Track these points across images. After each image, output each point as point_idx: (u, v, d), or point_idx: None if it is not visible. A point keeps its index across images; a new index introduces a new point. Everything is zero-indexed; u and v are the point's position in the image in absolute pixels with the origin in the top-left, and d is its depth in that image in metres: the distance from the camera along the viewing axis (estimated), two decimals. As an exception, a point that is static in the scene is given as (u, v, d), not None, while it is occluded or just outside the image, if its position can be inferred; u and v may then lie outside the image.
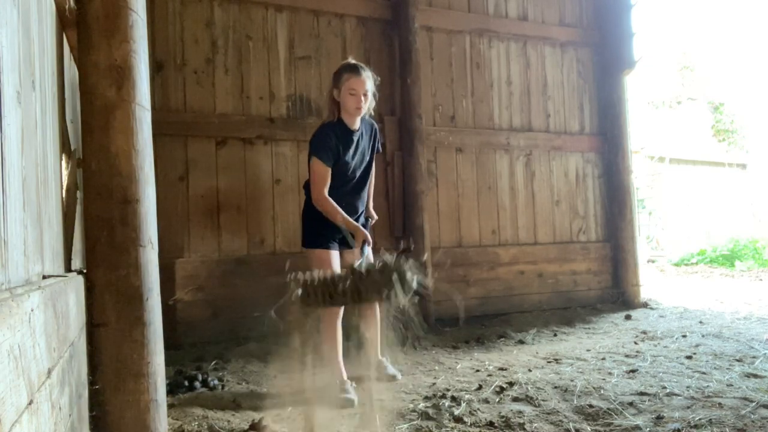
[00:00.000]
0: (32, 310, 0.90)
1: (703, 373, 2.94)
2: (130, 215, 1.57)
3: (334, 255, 2.95)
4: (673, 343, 3.78)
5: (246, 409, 2.61)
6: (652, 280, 7.78)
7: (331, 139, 2.85)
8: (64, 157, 1.66)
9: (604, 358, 3.38)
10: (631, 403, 2.46)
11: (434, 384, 2.94)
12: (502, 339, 4.14)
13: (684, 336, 3.97)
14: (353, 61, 2.98)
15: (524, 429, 2.20)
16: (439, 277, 4.78)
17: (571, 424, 2.25)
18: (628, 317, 4.87)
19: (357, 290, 2.08)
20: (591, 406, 2.44)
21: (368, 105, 2.93)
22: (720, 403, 2.40)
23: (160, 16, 4.07)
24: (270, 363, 3.49)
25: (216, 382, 2.99)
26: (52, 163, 1.44)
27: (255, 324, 4.14)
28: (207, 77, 4.20)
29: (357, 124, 2.96)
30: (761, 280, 7.57)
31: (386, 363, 3.20)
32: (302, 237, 3.06)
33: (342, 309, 2.87)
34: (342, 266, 2.95)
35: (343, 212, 2.83)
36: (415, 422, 2.31)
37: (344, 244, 2.98)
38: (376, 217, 3.32)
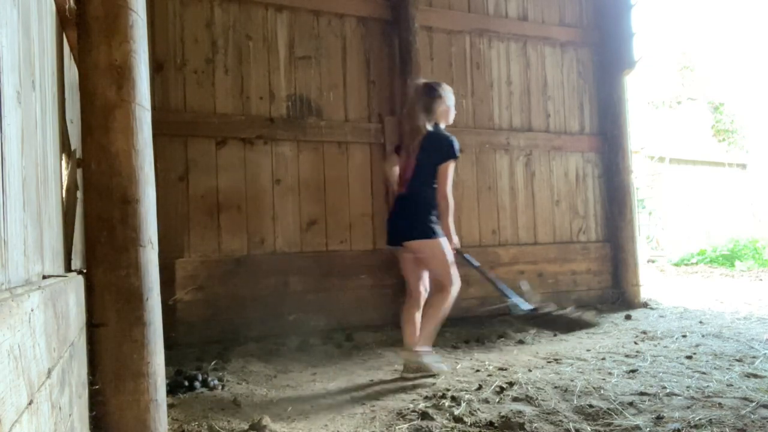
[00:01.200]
0: (32, 310, 0.90)
1: (703, 373, 2.94)
2: (130, 215, 1.57)
3: None
4: (673, 343, 3.78)
5: (246, 409, 2.61)
6: (652, 280, 7.78)
7: None
8: (64, 157, 1.66)
9: (604, 358, 3.38)
10: (631, 403, 2.46)
11: (434, 384, 2.94)
12: (502, 339, 4.14)
13: (684, 336, 3.97)
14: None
15: (524, 429, 2.20)
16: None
17: (571, 424, 2.25)
18: (628, 317, 4.87)
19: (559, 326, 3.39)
20: (591, 406, 2.44)
21: None
22: (720, 403, 2.40)
23: (160, 16, 4.07)
24: (270, 363, 3.50)
25: (216, 382, 2.99)
26: (52, 163, 1.44)
27: (255, 324, 4.15)
28: (207, 77, 4.20)
29: None
30: (761, 280, 7.58)
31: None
32: (423, 229, 3.10)
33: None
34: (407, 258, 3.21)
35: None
36: (415, 422, 2.31)
37: None
38: None
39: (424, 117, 3.18)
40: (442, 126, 3.24)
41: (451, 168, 3.11)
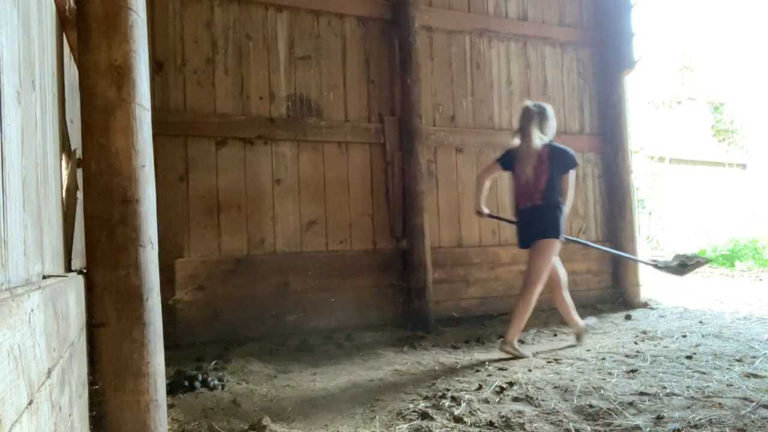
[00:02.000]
0: (32, 310, 0.90)
1: (703, 373, 2.94)
2: (130, 215, 1.57)
3: None
4: (673, 343, 3.78)
5: (246, 409, 2.61)
6: (652, 280, 7.77)
7: None
8: (64, 157, 1.66)
9: (604, 358, 3.38)
10: (631, 403, 2.46)
11: (434, 384, 2.94)
12: (502, 339, 4.13)
13: (684, 336, 3.97)
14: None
15: (524, 429, 2.20)
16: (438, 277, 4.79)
17: (571, 424, 2.25)
18: (628, 317, 4.87)
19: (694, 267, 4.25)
20: (591, 406, 2.44)
21: None
22: (720, 403, 2.40)
23: (160, 16, 4.07)
24: (270, 363, 3.49)
25: (216, 382, 2.99)
26: (52, 163, 1.44)
27: (255, 324, 4.15)
28: (207, 77, 4.20)
29: None
30: (761, 280, 7.57)
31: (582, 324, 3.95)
32: (551, 230, 3.63)
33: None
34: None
35: None
36: (415, 422, 2.31)
37: None
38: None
39: (538, 134, 3.69)
40: (546, 140, 3.72)
41: (573, 175, 3.74)
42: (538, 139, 3.67)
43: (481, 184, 3.97)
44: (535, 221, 3.67)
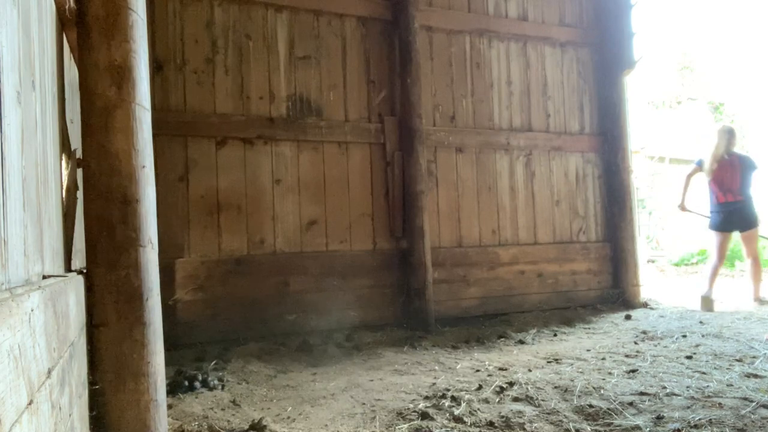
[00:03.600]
0: (32, 310, 0.90)
1: (703, 373, 2.94)
2: (130, 215, 1.57)
3: None
4: (673, 343, 3.78)
5: (246, 409, 2.61)
6: (652, 280, 7.77)
7: None
8: (64, 157, 1.66)
9: (604, 358, 3.38)
10: (631, 403, 2.46)
11: (434, 384, 2.94)
12: (502, 339, 4.14)
13: (684, 336, 3.97)
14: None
15: (524, 429, 2.20)
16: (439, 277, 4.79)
17: (571, 424, 2.25)
18: (628, 317, 4.87)
19: None
20: (591, 406, 2.44)
21: None
22: (720, 403, 2.40)
23: (160, 16, 4.07)
24: (271, 363, 3.49)
25: (216, 382, 2.99)
26: (52, 163, 1.44)
27: (255, 324, 4.15)
28: (207, 77, 4.20)
29: None
30: (761, 280, 7.56)
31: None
32: (756, 221, 5.27)
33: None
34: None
35: None
36: (415, 422, 2.31)
37: None
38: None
39: (732, 147, 5.25)
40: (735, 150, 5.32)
41: (755, 175, 5.22)
42: (732, 149, 5.21)
43: (687, 184, 5.52)
44: (742, 213, 5.19)
